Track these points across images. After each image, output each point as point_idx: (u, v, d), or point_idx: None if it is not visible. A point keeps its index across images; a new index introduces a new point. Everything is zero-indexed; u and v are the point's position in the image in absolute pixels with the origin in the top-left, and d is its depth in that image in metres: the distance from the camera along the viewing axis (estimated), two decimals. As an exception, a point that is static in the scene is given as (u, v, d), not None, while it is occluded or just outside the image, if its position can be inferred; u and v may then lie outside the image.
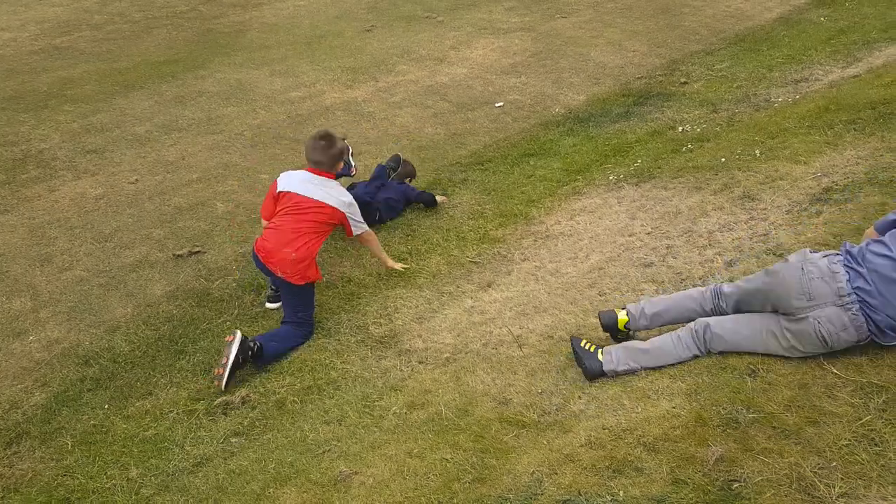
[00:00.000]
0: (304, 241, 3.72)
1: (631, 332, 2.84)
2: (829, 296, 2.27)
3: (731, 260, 3.23)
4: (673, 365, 2.58)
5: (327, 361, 3.52)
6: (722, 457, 2.05)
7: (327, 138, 3.90)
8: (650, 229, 3.87)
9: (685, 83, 6.73)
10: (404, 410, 2.95)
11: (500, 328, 3.41)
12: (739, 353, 2.49)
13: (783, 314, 2.38)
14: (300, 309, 3.77)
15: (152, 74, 7.91)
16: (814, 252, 2.41)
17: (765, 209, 3.59)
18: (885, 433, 2.06)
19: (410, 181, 5.20)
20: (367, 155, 5.89)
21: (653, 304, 2.76)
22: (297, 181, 3.89)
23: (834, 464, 1.99)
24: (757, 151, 4.31)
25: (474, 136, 6.20)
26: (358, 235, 3.98)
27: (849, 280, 2.27)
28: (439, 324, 3.65)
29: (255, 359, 3.54)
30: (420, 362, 3.35)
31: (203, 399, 3.45)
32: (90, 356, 3.84)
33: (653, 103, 6.35)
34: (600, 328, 2.90)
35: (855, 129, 4.14)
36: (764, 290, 2.44)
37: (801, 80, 6.06)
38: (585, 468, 2.17)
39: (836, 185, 3.52)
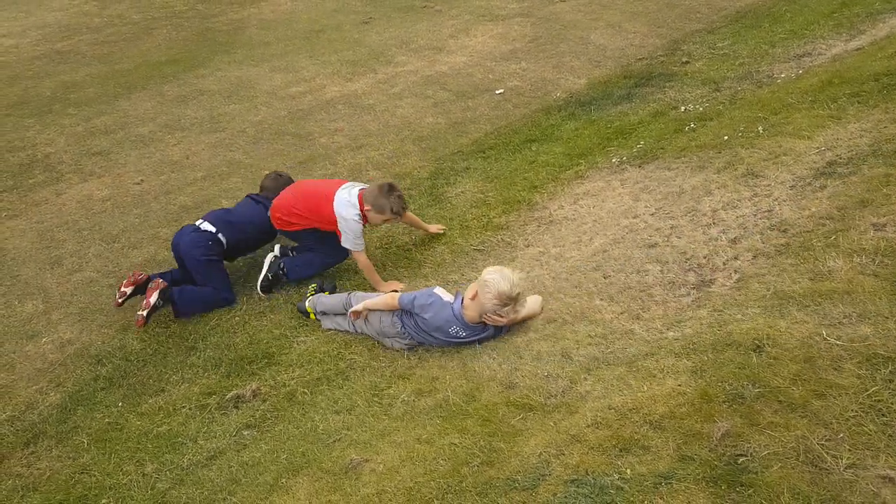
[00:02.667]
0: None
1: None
2: None
3: (736, 237, 3.22)
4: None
5: (335, 352, 3.55)
6: (728, 432, 2.05)
7: (394, 190, 3.97)
8: (654, 210, 3.86)
9: (687, 63, 6.68)
10: (412, 398, 2.98)
11: (506, 314, 3.42)
12: (743, 331, 2.49)
13: None
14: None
15: (153, 75, 7.94)
16: None
17: (769, 185, 3.57)
18: (891, 403, 2.05)
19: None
20: (368, 148, 5.90)
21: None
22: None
23: (841, 435, 1.99)
24: (760, 128, 4.28)
25: (475, 124, 6.19)
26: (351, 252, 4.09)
27: None
28: (446, 312, 3.66)
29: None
30: (427, 350, 3.37)
31: (215, 393, 3.49)
32: (103, 355, 3.88)
33: (654, 84, 6.31)
34: (603, 311, 2.90)
35: (858, 102, 4.10)
36: None
37: (804, 55, 6.00)
38: (592, 448, 2.18)
39: (840, 158, 3.50)
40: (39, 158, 6.19)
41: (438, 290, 3.37)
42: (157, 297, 3.90)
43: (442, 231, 4.49)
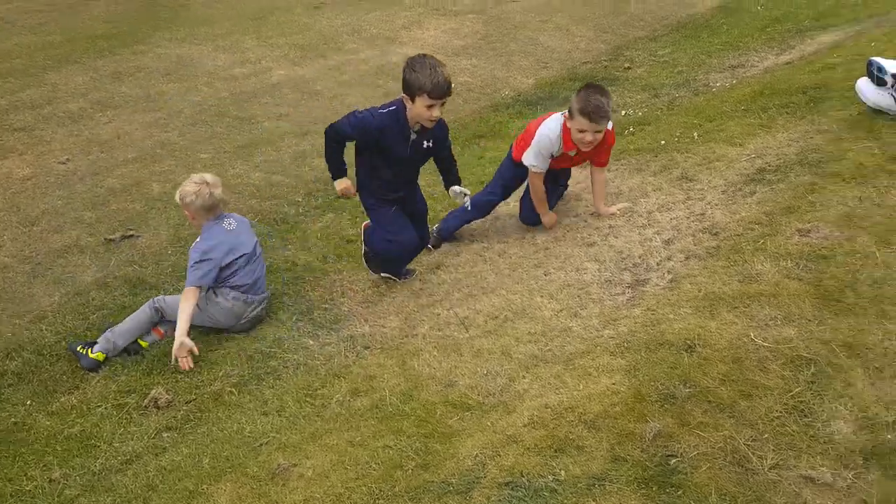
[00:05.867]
0: None
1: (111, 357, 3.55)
2: None
3: (670, 239, 3.30)
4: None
5: (267, 350, 3.43)
6: (660, 432, 2.09)
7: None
8: (593, 210, 3.91)
9: (629, 68, 6.82)
10: (347, 398, 2.91)
11: (448, 310, 3.40)
12: (676, 331, 2.55)
13: None
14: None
15: (88, 49, 7.56)
16: None
17: (702, 189, 3.67)
18: (813, 405, 2.13)
19: None
20: (315, 134, 5.77)
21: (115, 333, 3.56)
22: None
23: (766, 436, 2.05)
24: (695, 134, 4.40)
25: (422, 117, 6.15)
26: None
27: None
28: (386, 307, 3.62)
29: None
30: (365, 347, 3.31)
31: (134, 392, 3.31)
32: (12, 348, 3.63)
33: (598, 87, 6.41)
34: (543, 309, 2.91)
35: (787, 113, 4.26)
36: None
37: (738, 66, 6.21)
38: (528, 449, 2.18)
39: (769, 165, 3.63)
40: (-46, 132, 5.80)
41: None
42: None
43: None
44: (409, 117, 3.35)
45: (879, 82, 3.64)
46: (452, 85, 3.28)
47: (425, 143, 3.48)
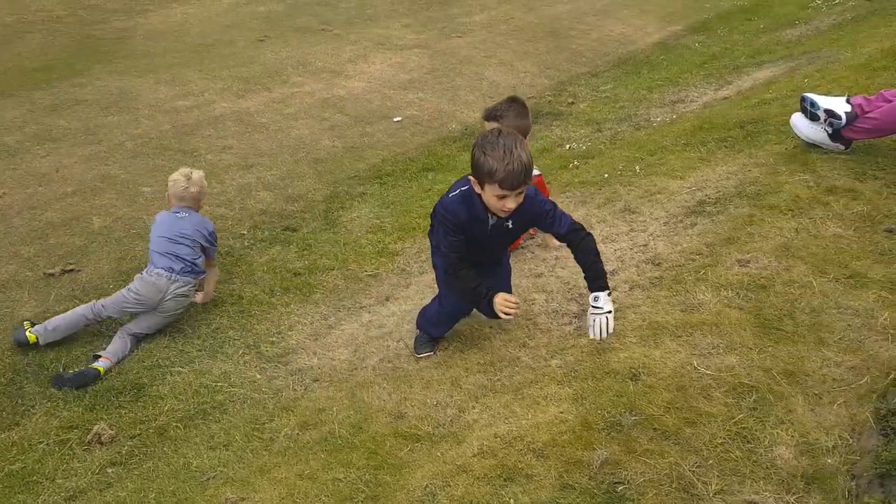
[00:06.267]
0: None
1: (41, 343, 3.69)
2: None
3: (614, 269, 3.37)
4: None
5: (213, 384, 3.35)
6: (607, 460, 2.11)
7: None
8: (539, 241, 3.98)
9: (572, 103, 7.03)
10: (296, 431, 2.86)
11: (398, 342, 3.39)
12: (621, 359, 2.59)
13: None
14: None
15: (24, 81, 7.35)
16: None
17: (644, 221, 3.78)
18: (755, 430, 2.19)
19: None
20: (259, 167, 5.73)
21: (52, 322, 3.74)
22: None
23: (710, 462, 2.10)
24: (637, 168, 4.55)
25: (373, 149, 6.18)
26: None
27: None
28: (335, 339, 3.58)
29: None
30: (315, 380, 3.26)
31: (76, 427, 3.19)
32: (-55, 385, 3.46)
33: (542, 122, 6.59)
34: (493, 339, 2.93)
35: (725, 147, 4.45)
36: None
37: (678, 101, 6.47)
38: (478, 478, 2.18)
39: (709, 198, 3.77)
40: None
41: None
42: None
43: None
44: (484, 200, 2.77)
45: (812, 117, 3.83)
46: (534, 170, 2.74)
47: (508, 223, 2.89)
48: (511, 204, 2.68)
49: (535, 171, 3.38)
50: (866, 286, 2.74)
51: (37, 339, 3.68)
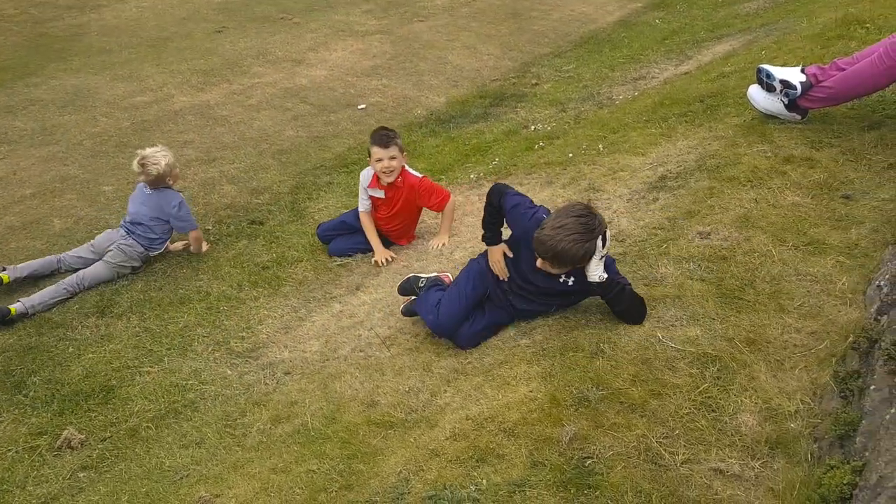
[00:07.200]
0: None
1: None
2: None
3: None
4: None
5: (183, 383, 3.31)
6: (576, 435, 2.15)
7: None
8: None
9: (536, 84, 7.03)
10: (269, 425, 2.85)
11: (369, 331, 3.38)
12: (587, 335, 2.63)
13: None
14: None
15: (-27, 82, 7.13)
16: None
17: (608, 199, 3.81)
18: (720, 399, 2.24)
19: None
20: (222, 161, 5.64)
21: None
22: None
23: (677, 432, 2.14)
24: (601, 146, 4.58)
25: (338, 138, 6.13)
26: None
27: None
28: (306, 331, 3.56)
29: None
30: (286, 373, 3.24)
31: (46, 433, 3.14)
32: None
33: (507, 104, 6.58)
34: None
35: (686, 121, 4.50)
36: None
37: (640, 78, 6.51)
38: (450, 461, 2.20)
39: (671, 173, 3.81)
40: None
41: None
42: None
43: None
44: None
45: (769, 88, 3.88)
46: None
47: (569, 280, 2.85)
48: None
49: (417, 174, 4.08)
50: (824, 252, 2.80)
51: (9, 277, 4.10)
